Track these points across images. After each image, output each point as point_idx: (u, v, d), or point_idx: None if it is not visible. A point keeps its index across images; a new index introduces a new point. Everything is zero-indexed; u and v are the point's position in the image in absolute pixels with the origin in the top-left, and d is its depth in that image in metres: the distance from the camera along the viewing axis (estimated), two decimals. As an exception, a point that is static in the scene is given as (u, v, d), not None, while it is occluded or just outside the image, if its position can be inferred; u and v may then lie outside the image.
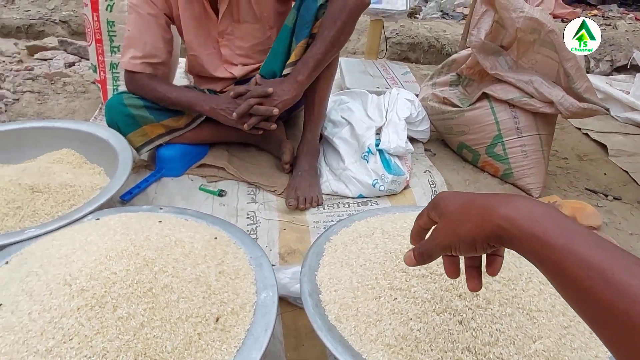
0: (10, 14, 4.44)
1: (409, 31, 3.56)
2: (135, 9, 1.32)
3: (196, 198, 1.39)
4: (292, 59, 1.28)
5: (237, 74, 1.48)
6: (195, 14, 1.35)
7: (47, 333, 0.67)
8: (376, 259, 0.84)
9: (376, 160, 1.40)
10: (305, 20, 1.22)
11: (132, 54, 1.34)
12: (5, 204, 1.09)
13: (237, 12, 1.36)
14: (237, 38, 1.41)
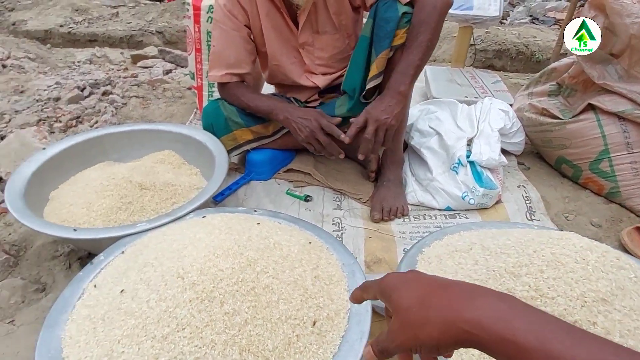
0: (115, 26, 4.92)
1: (495, 37, 3.41)
2: (219, 24, 1.39)
3: (283, 202, 1.43)
4: (374, 72, 1.25)
5: (320, 84, 1.50)
6: (276, 26, 1.39)
7: (162, 321, 0.72)
8: (477, 276, 0.81)
9: (466, 172, 1.35)
10: (385, 31, 1.19)
11: (219, 67, 1.42)
12: (119, 199, 1.20)
13: (316, 23, 1.37)
14: (317, 49, 1.43)
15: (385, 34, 1.20)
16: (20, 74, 2.14)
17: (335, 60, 1.47)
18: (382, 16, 1.21)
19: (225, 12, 1.36)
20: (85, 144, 1.41)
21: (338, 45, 1.44)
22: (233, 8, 1.35)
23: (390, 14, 1.18)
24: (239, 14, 1.36)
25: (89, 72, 2.29)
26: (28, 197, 1.17)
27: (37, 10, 5.39)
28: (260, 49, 1.46)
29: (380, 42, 1.22)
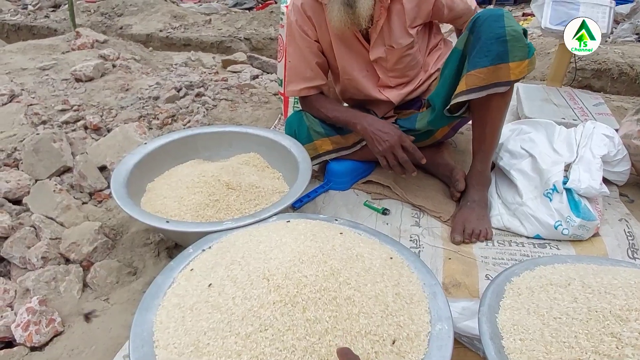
0: (207, 32, 5.25)
1: (595, 55, 3.15)
2: (292, 42, 1.43)
3: (360, 213, 1.43)
4: (462, 88, 1.21)
5: (393, 99, 1.47)
6: (346, 42, 1.39)
7: (247, 319, 0.74)
8: (576, 315, 0.74)
9: (562, 200, 1.25)
10: (486, 49, 1.15)
11: (296, 82, 1.46)
12: (207, 196, 1.27)
13: (388, 38, 1.35)
14: (390, 62, 1.41)
15: (485, 52, 1.16)
16: (127, 73, 2.35)
17: (408, 69, 1.45)
18: (484, 33, 1.16)
19: (296, 29, 1.40)
20: (181, 142, 1.51)
21: (411, 57, 1.41)
22: (304, 24, 1.38)
23: (496, 29, 1.14)
24: (309, 30, 1.39)
25: (185, 74, 2.46)
26: (129, 186, 1.28)
27: (141, 16, 5.92)
28: (331, 63, 1.48)
29: (477, 58, 1.18)
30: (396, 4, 1.31)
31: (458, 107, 1.30)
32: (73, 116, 1.89)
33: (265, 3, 6.87)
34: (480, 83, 1.18)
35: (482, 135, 1.32)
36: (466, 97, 1.22)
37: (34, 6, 6.17)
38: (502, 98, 1.24)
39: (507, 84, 1.19)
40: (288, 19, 1.45)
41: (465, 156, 1.67)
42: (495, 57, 1.15)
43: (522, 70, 1.17)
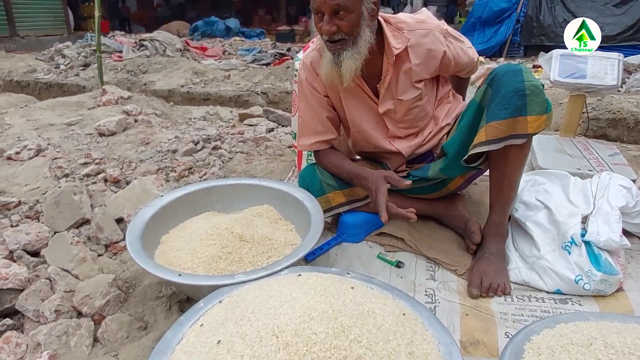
0: (226, 86, 5.48)
1: (609, 105, 3.17)
2: (303, 98, 1.49)
3: (374, 265, 1.41)
4: (481, 139, 1.22)
5: (404, 151, 1.49)
6: (355, 96, 1.43)
7: (255, 379, 0.72)
8: (601, 379, 0.70)
9: (581, 253, 1.22)
10: (505, 101, 1.17)
11: (307, 136, 1.50)
12: (220, 248, 1.27)
13: (396, 92, 1.39)
14: (398, 114, 1.44)
15: (505, 104, 1.18)
16: (148, 127, 2.45)
17: (418, 120, 1.47)
18: (504, 86, 1.19)
19: (307, 85, 1.46)
20: (197, 194, 1.54)
21: (420, 108, 1.44)
22: (313, 81, 1.44)
23: (515, 83, 1.17)
24: (318, 86, 1.44)
25: (203, 128, 2.55)
26: (144, 239, 1.30)
27: (164, 72, 6.24)
28: (341, 116, 1.52)
29: (496, 110, 1.20)
30: (403, 60, 1.36)
31: (475, 158, 1.31)
32: (94, 169, 1.96)
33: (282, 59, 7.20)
34: (499, 134, 1.20)
35: (500, 186, 1.32)
36: (486, 147, 1.23)
37: (66, 65, 6.58)
38: (520, 150, 1.25)
39: (525, 137, 1.21)
40: (299, 76, 1.51)
41: (479, 207, 1.66)
42: (514, 110, 1.18)
43: (540, 125, 1.19)
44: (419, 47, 1.35)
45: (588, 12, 6.37)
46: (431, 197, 1.56)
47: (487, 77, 1.26)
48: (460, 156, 1.31)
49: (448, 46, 1.39)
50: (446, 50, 1.38)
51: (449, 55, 1.39)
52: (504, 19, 7.07)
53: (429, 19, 1.41)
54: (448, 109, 1.53)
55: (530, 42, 6.93)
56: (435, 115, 1.51)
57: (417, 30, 1.35)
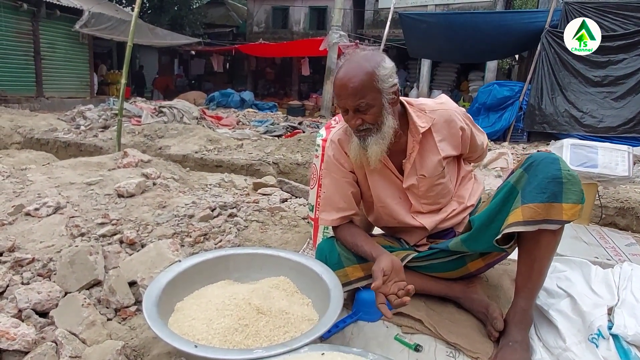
0: (239, 155, 5.63)
1: (616, 194, 3.22)
2: (328, 173, 1.54)
3: (391, 347, 1.36)
4: (517, 218, 1.23)
5: (427, 225, 1.51)
6: (380, 172, 1.49)
7: None
8: None
9: (609, 347, 1.17)
10: (543, 186, 1.21)
11: (329, 211, 1.53)
12: (237, 320, 1.24)
13: (420, 168, 1.45)
14: (421, 190, 1.48)
15: (542, 188, 1.21)
16: (165, 191, 2.49)
17: (440, 197, 1.51)
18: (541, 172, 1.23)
19: (333, 161, 1.51)
20: (214, 261, 1.53)
21: (442, 186, 1.48)
22: (340, 157, 1.50)
23: (553, 172, 1.22)
24: (345, 162, 1.50)
25: (219, 194, 2.59)
26: (160, 305, 1.27)
27: (179, 138, 6.46)
28: (365, 192, 1.55)
29: (534, 193, 1.23)
30: (428, 137, 1.43)
31: (504, 241, 1.31)
32: (111, 230, 1.97)
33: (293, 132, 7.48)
34: (535, 217, 1.21)
35: (530, 271, 1.30)
36: (522, 228, 1.23)
37: (86, 127, 6.84)
38: (553, 236, 1.26)
39: (559, 223, 1.22)
40: (326, 153, 1.57)
41: (498, 291, 1.63)
42: (551, 195, 1.21)
43: (575, 213, 1.21)
44: (441, 125, 1.44)
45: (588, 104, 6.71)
46: (449, 277, 1.54)
47: (522, 162, 1.31)
48: (485, 231, 1.32)
49: (467, 125, 1.49)
50: (464, 128, 1.47)
51: (467, 132, 1.47)
52: (507, 105, 7.43)
53: (449, 102, 1.51)
54: (472, 189, 1.57)
55: (533, 128, 7.21)
56: (459, 194, 1.55)
57: (439, 110, 1.45)
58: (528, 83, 7.26)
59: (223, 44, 16.40)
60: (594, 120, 6.56)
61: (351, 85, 1.29)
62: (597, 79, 6.62)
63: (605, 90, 6.56)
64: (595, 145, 1.99)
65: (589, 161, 1.96)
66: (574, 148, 2.01)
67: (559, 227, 1.24)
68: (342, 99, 1.32)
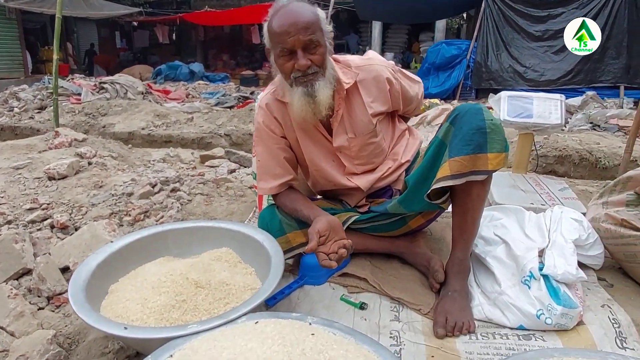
0: (189, 129, 5.42)
1: (555, 143, 3.35)
2: (260, 140, 1.49)
3: (337, 308, 1.36)
4: (445, 173, 1.24)
5: (362, 186, 1.50)
6: (310, 134, 1.45)
7: None
8: (569, 420, 0.68)
9: (540, 287, 1.22)
10: (468, 138, 1.21)
11: (266, 180, 1.48)
12: (174, 296, 1.19)
13: (349, 127, 1.42)
14: (353, 151, 1.46)
15: (467, 141, 1.21)
16: (102, 170, 2.36)
17: (374, 156, 1.49)
18: (466, 124, 1.23)
19: (263, 128, 1.46)
20: (150, 239, 1.46)
21: (375, 145, 1.47)
22: (270, 123, 1.45)
23: (477, 123, 1.21)
24: (275, 128, 1.45)
25: (162, 170, 2.48)
26: (90, 289, 1.20)
27: (125, 115, 6.12)
28: (299, 157, 1.52)
29: (459, 146, 1.22)
30: (354, 95, 1.40)
31: (437, 195, 1.32)
32: (40, 215, 1.84)
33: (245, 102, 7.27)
34: (462, 169, 1.22)
35: (463, 223, 1.33)
36: (450, 182, 1.23)
37: (20, 108, 6.35)
38: (481, 186, 1.27)
39: (486, 173, 1.23)
40: (255, 121, 1.51)
41: (441, 244, 1.66)
42: (476, 147, 1.21)
43: (499, 162, 1.22)
44: (368, 82, 1.41)
45: (530, 59, 6.90)
46: (392, 235, 1.55)
47: (449, 115, 1.30)
48: (420, 190, 1.32)
49: (395, 78, 1.45)
50: (392, 81, 1.43)
51: (396, 86, 1.44)
52: (456, 64, 7.52)
53: (375, 57, 1.48)
54: (406, 145, 1.55)
55: (480, 85, 7.37)
56: (394, 152, 1.53)
57: (364, 66, 1.41)
58: (474, 41, 7.35)
59: (166, 13, 15.46)
60: (536, 74, 6.79)
61: (302, 19, 1.23)
62: (538, 34, 6.80)
63: (545, 45, 6.76)
64: (531, 96, 2.04)
65: (524, 112, 2.00)
66: (511, 99, 2.04)
67: (486, 177, 1.26)
68: (292, 36, 1.23)
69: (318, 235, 1.20)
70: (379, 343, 0.97)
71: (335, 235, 1.25)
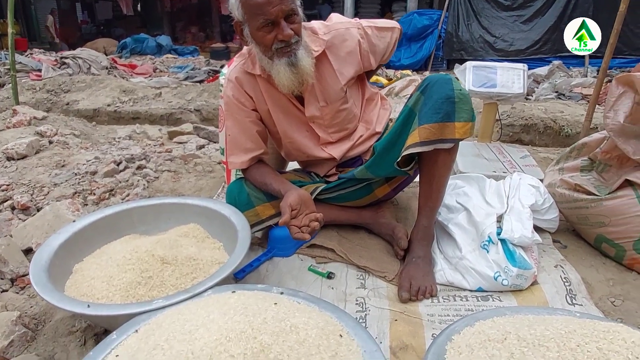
0: (157, 105, 5.27)
1: (521, 113, 3.43)
2: (230, 114, 1.46)
3: (305, 278, 1.39)
4: (414, 139, 1.26)
5: (336, 155, 1.51)
6: (281, 106, 1.44)
7: (166, 413, 0.67)
8: (513, 372, 0.72)
9: (498, 251, 1.28)
10: (437, 107, 1.23)
11: (237, 154, 1.47)
12: (140, 273, 1.19)
13: (320, 96, 1.42)
14: (326, 119, 1.46)
15: (436, 109, 1.23)
16: (64, 149, 2.28)
17: (347, 122, 1.50)
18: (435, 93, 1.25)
19: (234, 102, 1.43)
20: (115, 217, 1.44)
21: (347, 111, 1.47)
22: (240, 96, 1.42)
23: (446, 92, 1.23)
24: (246, 100, 1.43)
25: (127, 147, 2.42)
26: (53, 269, 1.19)
27: (89, 91, 5.88)
28: (271, 130, 1.51)
29: (429, 114, 1.25)
30: (324, 63, 1.39)
31: (405, 164, 1.34)
32: (0, 196, 1.78)
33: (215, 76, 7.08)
34: (430, 137, 1.24)
35: (429, 190, 1.36)
36: (419, 148, 1.26)
37: (-26, 86, 6.01)
38: (448, 155, 1.31)
39: (452, 142, 1.26)
40: (224, 93, 1.48)
41: (407, 213, 1.70)
42: (444, 115, 1.23)
43: (466, 131, 1.25)
44: (336, 47, 1.40)
45: (500, 28, 6.94)
46: (359, 205, 1.58)
47: (419, 85, 1.32)
48: (387, 155, 1.35)
49: (364, 37, 1.43)
50: (361, 40, 1.42)
51: (364, 45, 1.43)
52: (427, 35, 7.49)
53: (339, 19, 1.46)
54: (378, 115, 1.56)
55: (452, 56, 7.39)
56: (365, 119, 1.54)
57: (331, 32, 1.40)
58: (445, 10, 7.32)
59: (129, -17, 14.75)
60: (505, 44, 6.85)
61: None
62: (507, 3, 6.83)
63: (515, 14, 6.80)
64: (495, 66, 2.07)
65: (489, 81, 2.03)
66: (476, 69, 2.07)
67: (453, 146, 1.28)
68: (275, 5, 1.20)
69: (290, 209, 1.21)
70: (342, 309, 1.00)
71: (307, 208, 1.26)
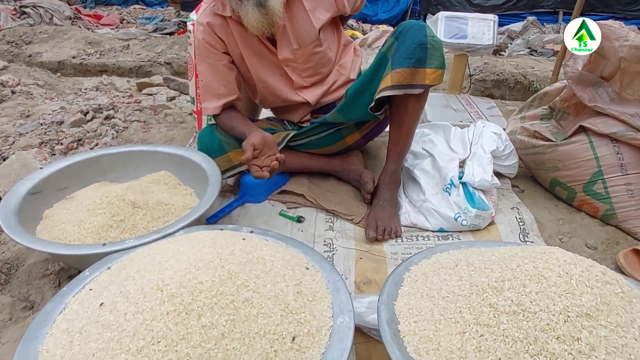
0: (126, 57, 5.06)
1: (493, 68, 3.46)
2: (202, 59, 1.44)
3: (276, 223, 1.43)
4: (387, 83, 1.28)
5: (311, 99, 1.52)
6: (254, 49, 1.43)
7: (138, 334, 0.71)
8: (460, 292, 0.79)
9: (459, 194, 1.34)
10: (410, 52, 1.25)
11: (210, 99, 1.46)
12: (111, 217, 1.21)
13: (293, 38, 1.41)
14: (300, 63, 1.46)
15: (409, 54, 1.25)
16: (28, 99, 2.21)
17: (321, 66, 1.50)
18: (409, 38, 1.26)
19: (204, 45, 1.41)
20: (83, 164, 1.43)
21: (321, 55, 1.47)
22: (211, 39, 1.40)
23: (420, 38, 1.25)
24: (217, 44, 1.41)
25: (94, 97, 2.35)
26: (22, 214, 1.19)
27: (52, 43, 5.58)
28: (245, 74, 1.49)
29: (401, 59, 1.26)
30: (297, 5, 1.37)
31: (377, 108, 1.37)
32: (-39, 147, 1.74)
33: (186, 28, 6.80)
34: (402, 81, 1.27)
35: (398, 136, 1.40)
36: (390, 92, 1.28)
37: None
38: (417, 101, 1.34)
39: (422, 87, 1.29)
40: (195, 38, 1.44)
41: (376, 161, 1.75)
42: (416, 61, 1.25)
43: (436, 78, 1.28)
44: None
45: (477, -17, 6.82)
46: (329, 152, 1.61)
47: (394, 31, 1.33)
48: (359, 99, 1.37)
49: None
50: None
51: None
52: (406, -12, 7.32)
53: None
54: (352, 62, 1.57)
55: (429, 10, 7.27)
56: (341, 64, 1.54)
57: None
58: (425, -38, 7.13)
59: None
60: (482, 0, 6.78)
61: None
62: (486, -44, 6.69)
63: (493, -34, 6.69)
64: (466, 16, 2.07)
65: (459, 32, 2.04)
66: (447, 20, 2.07)
67: (422, 92, 1.31)
68: None
69: (252, 148, 1.23)
70: (309, 246, 1.05)
71: (269, 150, 1.28)
